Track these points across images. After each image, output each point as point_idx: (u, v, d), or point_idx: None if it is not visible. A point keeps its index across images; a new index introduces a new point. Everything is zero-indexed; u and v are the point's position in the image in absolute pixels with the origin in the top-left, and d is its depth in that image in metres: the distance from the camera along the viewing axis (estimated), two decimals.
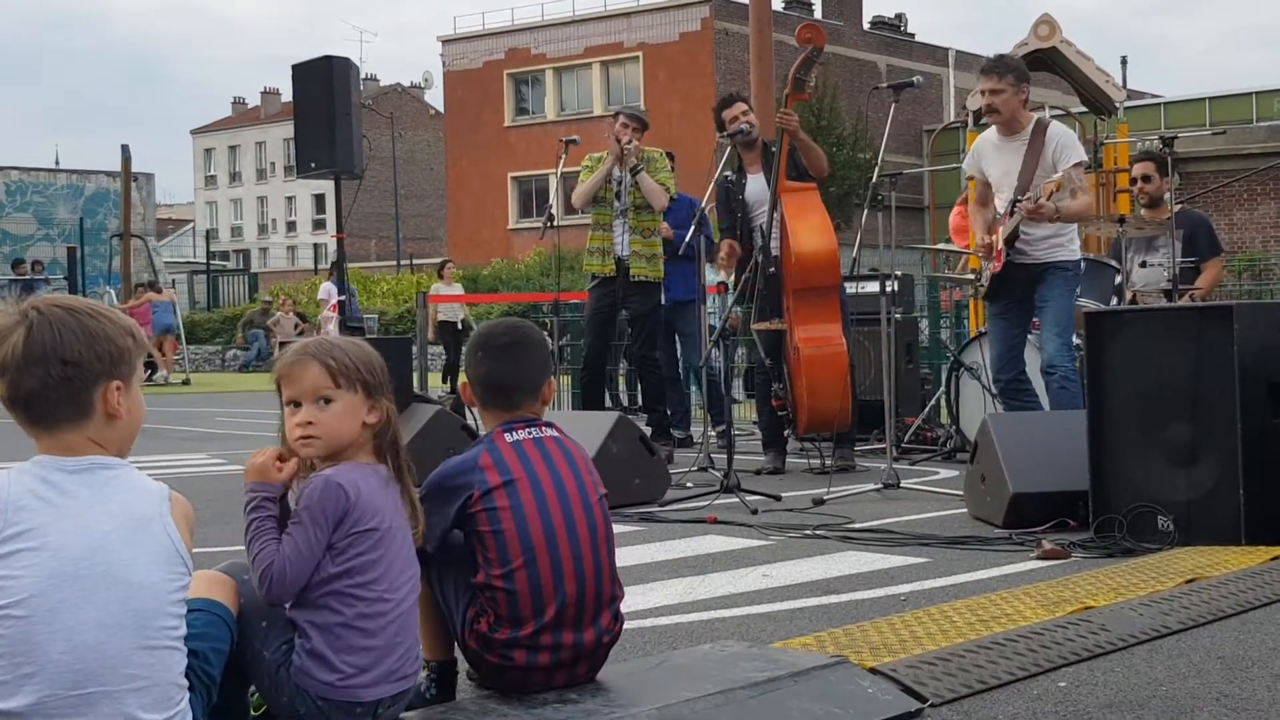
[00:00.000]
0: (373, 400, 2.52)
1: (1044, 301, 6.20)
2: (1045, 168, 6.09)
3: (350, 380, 2.50)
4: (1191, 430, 4.56)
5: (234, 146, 71.44)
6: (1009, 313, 6.38)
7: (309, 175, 9.16)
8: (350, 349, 2.55)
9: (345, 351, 2.53)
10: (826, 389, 7.09)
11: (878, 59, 47.45)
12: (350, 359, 2.52)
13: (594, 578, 2.71)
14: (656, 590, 4.12)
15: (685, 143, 41.02)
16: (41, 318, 2.14)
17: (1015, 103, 6.19)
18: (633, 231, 8.12)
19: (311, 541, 2.41)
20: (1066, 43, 12.69)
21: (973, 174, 6.54)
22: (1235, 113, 36.72)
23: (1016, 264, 6.20)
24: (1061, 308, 6.18)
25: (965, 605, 3.60)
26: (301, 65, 9.10)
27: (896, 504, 6.01)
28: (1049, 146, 6.12)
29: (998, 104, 6.20)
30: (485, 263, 35.12)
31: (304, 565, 2.41)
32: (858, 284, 8.52)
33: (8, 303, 2.21)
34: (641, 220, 8.15)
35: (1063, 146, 6.11)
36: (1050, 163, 6.08)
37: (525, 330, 2.90)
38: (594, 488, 2.79)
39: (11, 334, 2.14)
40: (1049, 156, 6.10)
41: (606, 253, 8.16)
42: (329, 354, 2.52)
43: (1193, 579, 3.84)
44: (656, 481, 6.37)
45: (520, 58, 46.83)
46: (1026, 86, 6.22)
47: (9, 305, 2.19)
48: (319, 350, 2.53)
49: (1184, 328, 4.67)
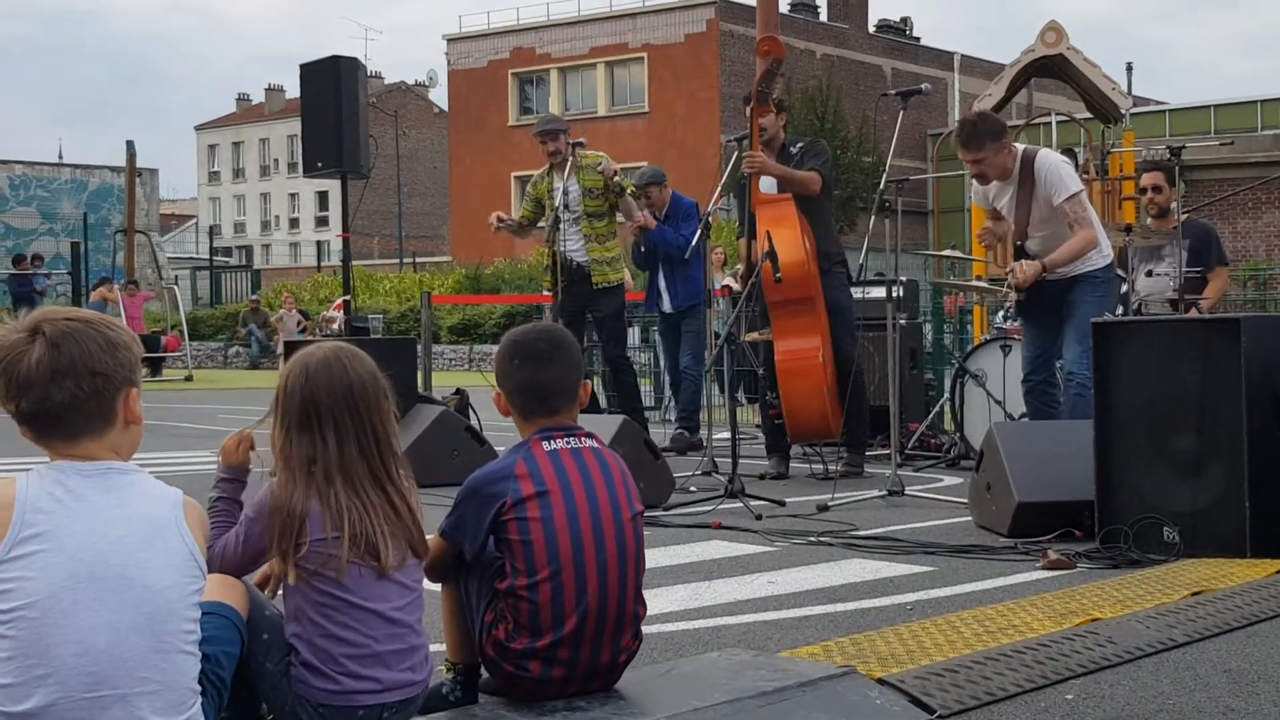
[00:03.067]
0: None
1: (1072, 308, 6.19)
2: (1040, 204, 6.08)
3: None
4: (1198, 442, 4.57)
5: (238, 143, 71.44)
6: (1044, 321, 6.37)
7: (316, 175, 9.17)
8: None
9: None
10: (804, 400, 7.11)
11: (883, 62, 47.45)
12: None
13: (618, 596, 2.69)
14: (661, 596, 4.13)
15: (689, 144, 41.15)
16: (63, 331, 2.16)
17: (1001, 160, 6.16)
18: (588, 239, 8.19)
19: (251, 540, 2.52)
20: (1073, 50, 12.72)
21: (980, 205, 6.55)
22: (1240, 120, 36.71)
23: (1047, 280, 6.20)
24: (1087, 315, 6.16)
25: (972, 616, 3.60)
26: (310, 65, 9.10)
27: (901, 511, 6.02)
28: (1039, 184, 6.10)
29: (985, 170, 6.18)
30: (488, 261, 35.12)
31: (239, 560, 2.54)
32: (864, 289, 8.52)
33: (11, 319, 2.22)
34: (595, 227, 8.20)
35: (1052, 183, 6.06)
36: (1044, 200, 6.08)
37: (560, 333, 2.89)
38: (628, 504, 2.76)
39: (29, 350, 2.15)
40: (1041, 195, 6.09)
41: (561, 266, 8.15)
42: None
43: (1199, 591, 3.84)
44: (660, 485, 6.37)
45: (525, 57, 46.85)
46: (1006, 137, 6.20)
47: (13, 321, 2.21)
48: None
49: (1191, 339, 4.68)
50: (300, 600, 2.45)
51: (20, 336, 2.16)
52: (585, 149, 8.49)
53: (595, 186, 8.23)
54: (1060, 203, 6.03)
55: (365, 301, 27.95)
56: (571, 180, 8.20)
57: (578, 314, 8.37)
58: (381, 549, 2.44)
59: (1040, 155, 6.23)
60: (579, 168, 8.22)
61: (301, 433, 2.49)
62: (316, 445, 2.48)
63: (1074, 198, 6.10)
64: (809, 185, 7.26)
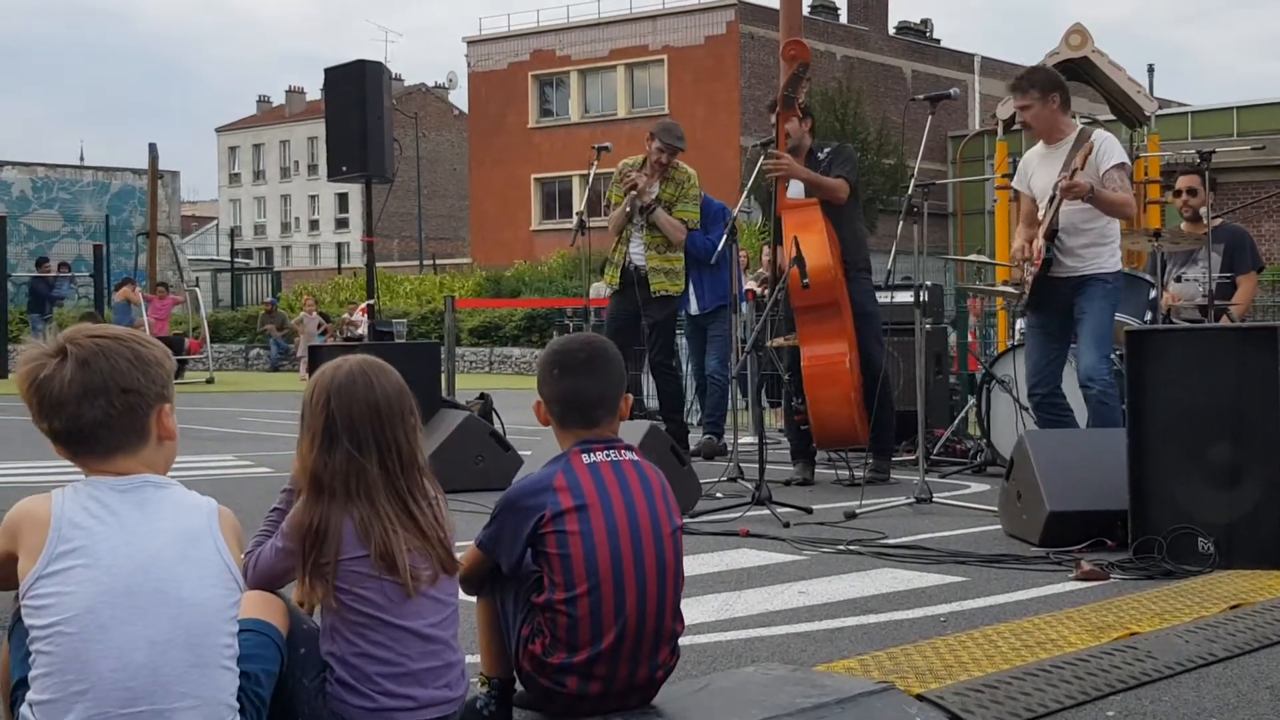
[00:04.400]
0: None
1: (1082, 313, 6.13)
2: (1089, 170, 6.04)
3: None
4: (1234, 451, 4.51)
5: (258, 145, 71.71)
6: (1049, 326, 6.32)
7: (340, 179, 9.18)
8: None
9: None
10: (830, 406, 7.08)
11: (903, 64, 47.33)
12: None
13: (656, 612, 2.67)
14: (692, 606, 4.09)
15: (710, 146, 41.09)
16: (92, 349, 2.15)
17: (1047, 113, 6.13)
18: (649, 247, 8.16)
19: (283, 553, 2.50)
20: (1098, 52, 12.63)
21: (1022, 190, 6.49)
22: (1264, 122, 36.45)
23: (1057, 277, 6.14)
24: (1100, 320, 6.12)
25: (1009, 629, 3.57)
26: (334, 69, 9.11)
27: (929, 519, 5.97)
28: (1093, 152, 6.07)
29: (1028, 119, 6.18)
30: (508, 264, 35.14)
31: (271, 572, 2.53)
32: (890, 293, 8.48)
33: (39, 338, 2.22)
34: (657, 237, 8.18)
35: (1105, 151, 6.05)
36: (1094, 165, 6.04)
37: (602, 344, 2.86)
38: (668, 519, 2.73)
39: (60, 369, 2.14)
40: (1092, 163, 6.05)
41: (618, 265, 8.21)
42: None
43: (1237, 604, 3.79)
44: (687, 492, 6.33)
45: (545, 59, 46.88)
46: (1056, 95, 6.15)
47: (40, 341, 2.20)
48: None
49: (1227, 348, 4.62)
50: (335, 619, 2.44)
51: (50, 356, 2.15)
52: (611, 154, 8.48)
53: (671, 200, 8.21)
54: (1108, 168, 5.99)
55: (386, 303, 27.97)
56: (655, 187, 8.18)
57: (632, 318, 8.35)
58: (402, 566, 2.42)
59: (1099, 129, 6.26)
60: (666, 180, 8.20)
61: (325, 449, 2.47)
62: (341, 461, 2.46)
63: (1121, 167, 6.06)
64: (836, 192, 7.22)
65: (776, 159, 7.07)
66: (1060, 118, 6.17)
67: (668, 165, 8.17)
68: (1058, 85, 6.19)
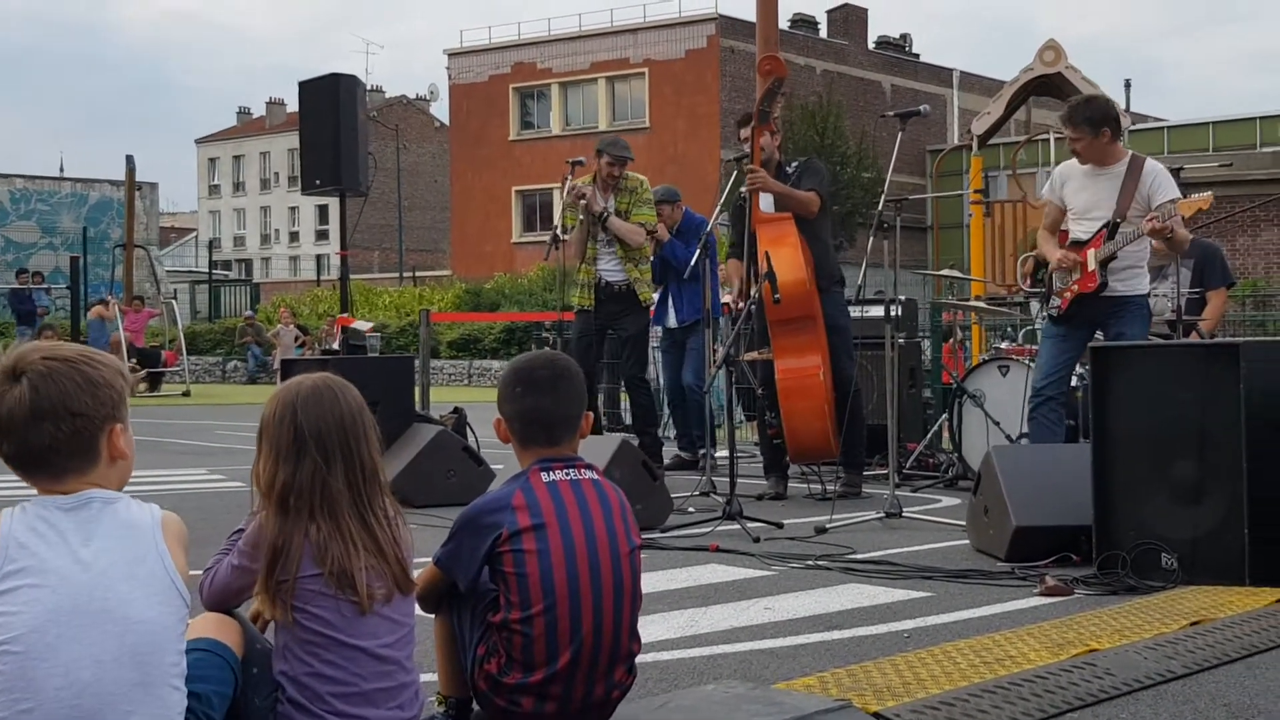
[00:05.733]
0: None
1: (1120, 335, 6.17)
2: (1140, 200, 6.12)
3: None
4: (1197, 468, 4.54)
5: (238, 156, 71.54)
6: (1071, 336, 6.35)
7: (314, 192, 9.18)
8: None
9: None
10: (805, 420, 7.10)
11: (882, 79, 47.52)
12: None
13: (612, 631, 2.67)
14: (658, 623, 4.10)
15: (690, 159, 41.21)
16: (41, 372, 2.14)
17: (1098, 146, 6.22)
18: (624, 261, 8.19)
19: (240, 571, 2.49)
20: (1072, 68, 12.73)
21: (1050, 199, 6.53)
22: (1239, 138, 36.76)
23: (1101, 296, 6.20)
24: (1136, 340, 6.18)
25: (969, 645, 3.58)
26: (309, 82, 9.13)
27: (898, 534, 5.99)
28: (1145, 181, 6.14)
29: (1079, 150, 6.27)
30: (489, 276, 35.14)
31: (228, 590, 2.52)
32: (862, 308, 8.51)
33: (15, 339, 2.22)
34: (628, 250, 8.20)
35: (1158, 184, 6.14)
36: (1145, 196, 6.11)
37: (564, 363, 2.87)
38: (626, 539, 2.74)
39: (8, 392, 2.14)
40: (1144, 190, 6.13)
41: (587, 286, 8.23)
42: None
43: (1197, 621, 3.81)
44: (659, 507, 6.34)
45: (526, 72, 46.92)
46: (1108, 129, 6.23)
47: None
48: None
49: (1191, 365, 4.65)
50: (288, 638, 2.43)
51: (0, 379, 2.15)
52: (585, 168, 8.51)
53: (625, 209, 8.24)
54: (1161, 203, 6.05)
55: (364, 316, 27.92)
56: (610, 201, 8.21)
57: (601, 332, 8.39)
58: (360, 584, 2.41)
59: (1150, 159, 6.33)
60: (619, 190, 8.24)
61: (289, 464, 2.46)
62: (307, 474, 2.46)
63: (1174, 201, 6.13)
64: (808, 205, 7.25)
65: (753, 172, 7.10)
66: (1112, 148, 6.25)
67: (618, 178, 8.22)
68: (1108, 118, 6.26)
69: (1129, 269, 6.23)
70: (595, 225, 8.18)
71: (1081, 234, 6.28)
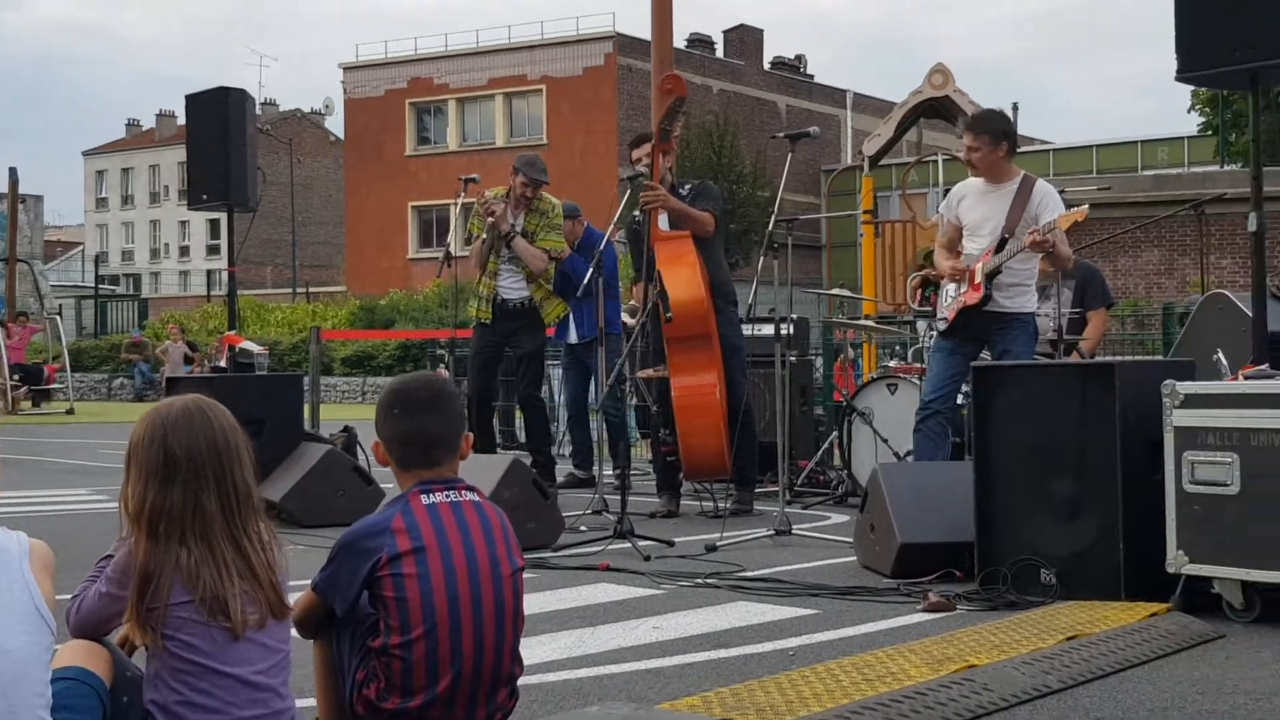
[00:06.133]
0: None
1: (1006, 351, 6.28)
2: (1029, 217, 6.24)
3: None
4: (1075, 486, 4.64)
5: (127, 169, 70.12)
6: (959, 350, 6.45)
7: (201, 207, 9.01)
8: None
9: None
10: (701, 437, 7.14)
11: (778, 99, 48.06)
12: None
13: (493, 655, 2.65)
14: (546, 643, 4.08)
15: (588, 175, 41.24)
16: None
17: (993, 158, 6.32)
18: (530, 280, 8.19)
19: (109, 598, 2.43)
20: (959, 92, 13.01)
21: (947, 217, 6.64)
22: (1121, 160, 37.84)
23: (987, 311, 6.30)
24: (1022, 358, 6.29)
25: (851, 663, 3.61)
26: (196, 95, 8.96)
27: (788, 551, 6.04)
28: (1034, 199, 6.26)
29: (975, 160, 6.36)
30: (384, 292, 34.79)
31: (96, 617, 2.45)
32: (753, 326, 8.57)
33: None
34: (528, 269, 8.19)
35: (1046, 203, 6.27)
36: (1034, 214, 6.23)
37: (442, 383, 2.86)
38: (507, 561, 2.72)
39: None
40: (1033, 208, 6.25)
41: (486, 299, 8.21)
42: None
43: (1073, 636, 3.89)
44: (550, 526, 6.32)
45: (423, 87, 46.64)
46: (1005, 144, 6.35)
47: None
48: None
49: (1069, 384, 4.76)
50: (158, 665, 2.38)
51: None
52: (478, 185, 8.47)
53: (533, 230, 8.22)
54: (1047, 220, 6.17)
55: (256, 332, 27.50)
56: (520, 220, 8.19)
57: (498, 350, 8.37)
58: (233, 609, 2.37)
59: (1041, 180, 6.45)
60: (530, 211, 8.21)
61: (159, 488, 2.41)
62: (173, 501, 2.41)
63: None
64: (705, 224, 7.30)
65: (653, 190, 7.12)
66: (1005, 164, 6.35)
67: (532, 198, 8.21)
68: (1008, 134, 6.38)
69: (1015, 286, 6.36)
70: (500, 241, 8.15)
71: (974, 249, 6.40)
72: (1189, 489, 4.26)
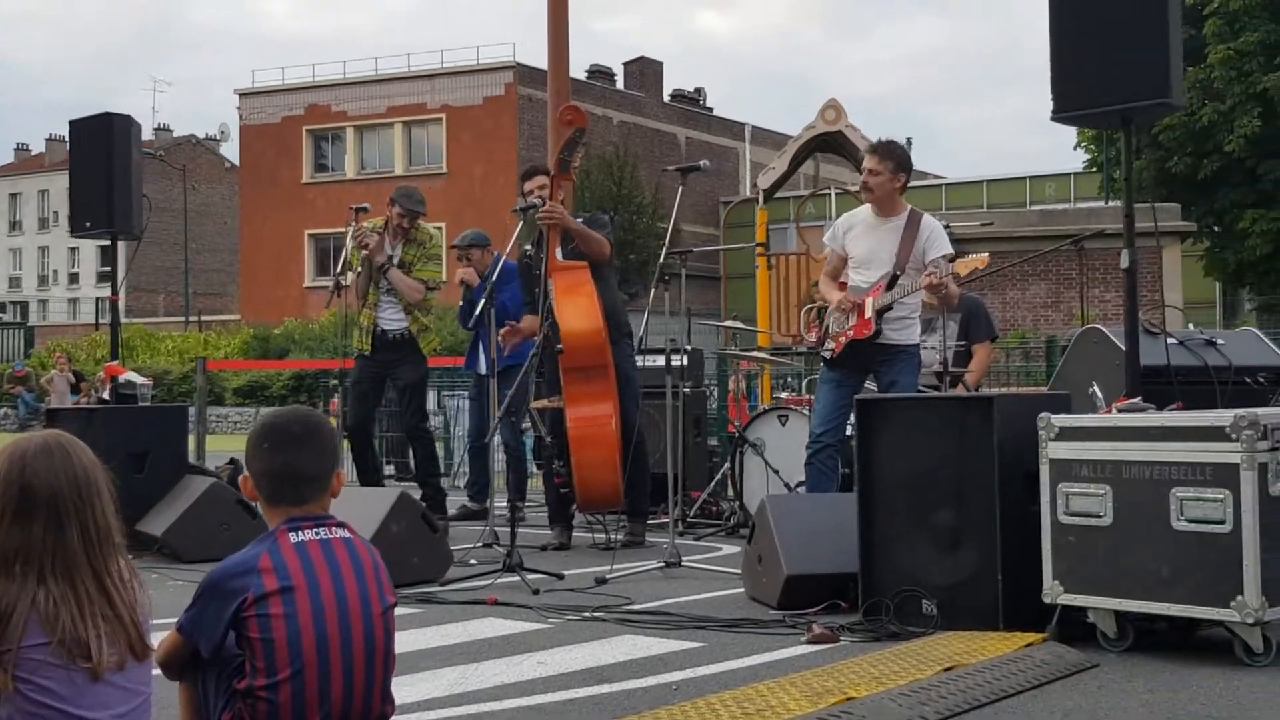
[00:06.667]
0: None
1: (893, 383, 6.34)
2: (917, 254, 6.30)
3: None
4: (955, 516, 4.71)
5: (15, 194, 68.48)
6: (845, 381, 6.51)
7: (84, 235, 8.82)
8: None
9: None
10: (596, 469, 7.14)
11: (677, 131, 48.40)
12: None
13: (363, 695, 2.62)
14: (426, 680, 4.03)
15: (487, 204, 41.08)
16: None
17: (890, 187, 6.37)
18: (408, 312, 8.15)
19: None
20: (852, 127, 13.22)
21: (833, 247, 6.68)
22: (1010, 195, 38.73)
23: (874, 343, 6.35)
24: (911, 389, 6.36)
25: (732, 697, 3.62)
26: (80, 121, 8.78)
27: (677, 583, 6.04)
28: (922, 235, 6.33)
29: (873, 184, 6.38)
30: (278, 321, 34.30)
31: None
32: (645, 357, 8.59)
33: None
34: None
35: (934, 239, 6.34)
36: (922, 250, 6.30)
37: (316, 419, 2.82)
38: (379, 599, 2.68)
39: None
40: (921, 244, 6.31)
41: (366, 330, 8.22)
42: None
43: (951, 666, 3.94)
44: (439, 559, 6.27)
45: (321, 114, 46.18)
46: (904, 176, 6.40)
47: None
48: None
49: (948, 416, 4.84)
50: (11, 709, 2.30)
51: None
52: (369, 214, 8.41)
53: (410, 261, 8.17)
54: (936, 257, 6.24)
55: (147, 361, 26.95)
56: (398, 251, 8.13)
57: (378, 379, 8.29)
58: (94, 650, 2.30)
59: (928, 215, 6.52)
60: (408, 242, 8.17)
61: (16, 525, 2.34)
62: (33, 538, 2.34)
63: (948, 257, 6.31)
64: (602, 246, 7.32)
65: (549, 210, 7.12)
66: (897, 197, 6.41)
67: (409, 229, 8.19)
68: (907, 168, 6.45)
69: (902, 319, 6.46)
70: (377, 273, 8.11)
71: (861, 282, 6.48)
72: (1064, 520, 4.35)
